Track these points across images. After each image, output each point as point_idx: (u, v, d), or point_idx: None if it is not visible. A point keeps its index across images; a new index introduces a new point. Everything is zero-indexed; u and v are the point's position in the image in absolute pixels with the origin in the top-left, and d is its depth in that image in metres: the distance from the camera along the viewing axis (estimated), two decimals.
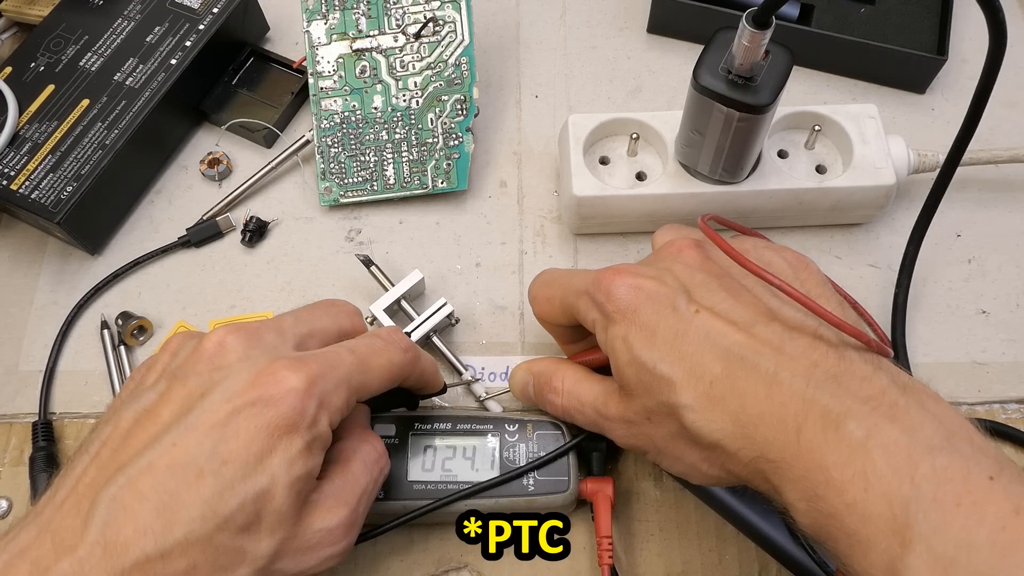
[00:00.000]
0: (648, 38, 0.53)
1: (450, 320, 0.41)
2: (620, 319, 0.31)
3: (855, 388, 0.27)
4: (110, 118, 0.44)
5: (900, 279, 0.42)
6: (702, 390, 0.29)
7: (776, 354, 0.28)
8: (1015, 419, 0.40)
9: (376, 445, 0.33)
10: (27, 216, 0.43)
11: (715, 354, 0.29)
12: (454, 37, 0.46)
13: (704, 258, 0.33)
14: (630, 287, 0.31)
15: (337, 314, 0.34)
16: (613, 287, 0.31)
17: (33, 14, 0.51)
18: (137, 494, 0.26)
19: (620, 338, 0.31)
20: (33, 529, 0.26)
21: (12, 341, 0.43)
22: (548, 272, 0.37)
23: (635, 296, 0.31)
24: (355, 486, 0.31)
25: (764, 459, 0.27)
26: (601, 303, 0.32)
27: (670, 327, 0.30)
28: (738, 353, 0.29)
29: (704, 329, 0.30)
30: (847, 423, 0.26)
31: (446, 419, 0.38)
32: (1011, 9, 0.52)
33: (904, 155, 0.43)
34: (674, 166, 0.42)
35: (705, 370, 0.29)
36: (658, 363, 0.30)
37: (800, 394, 0.27)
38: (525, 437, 0.37)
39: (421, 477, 0.36)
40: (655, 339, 0.30)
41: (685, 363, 0.29)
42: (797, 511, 0.27)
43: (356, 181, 0.46)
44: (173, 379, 0.29)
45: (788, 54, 0.36)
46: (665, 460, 0.32)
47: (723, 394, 0.28)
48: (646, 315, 0.31)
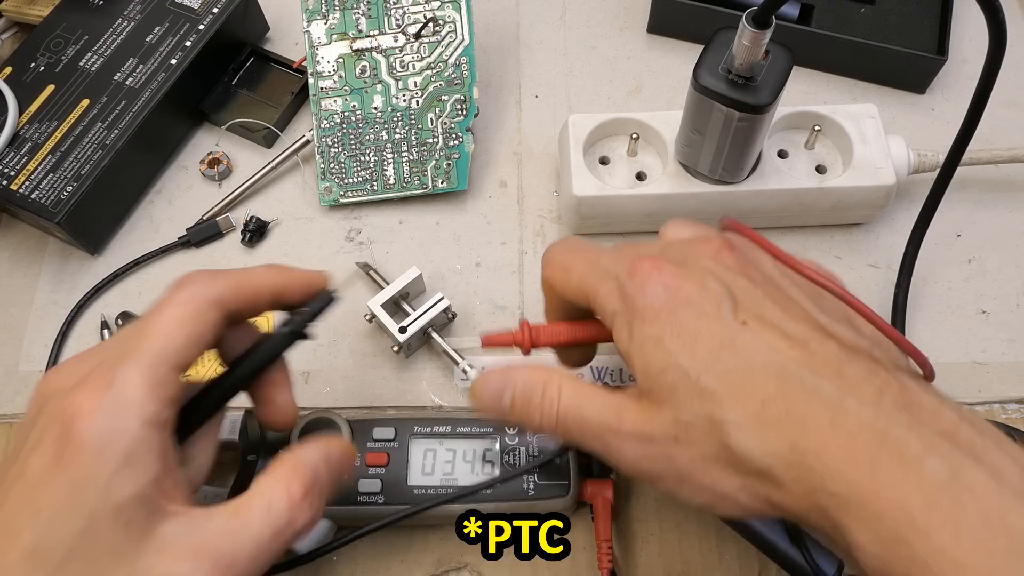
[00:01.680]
0: (648, 38, 0.53)
1: (447, 315, 0.41)
2: (653, 318, 0.27)
3: (928, 421, 0.24)
4: (110, 118, 0.44)
5: (900, 279, 0.42)
6: (753, 409, 0.25)
7: (837, 377, 0.25)
8: (1015, 419, 0.40)
9: (293, 490, 0.27)
10: (27, 216, 0.43)
11: (767, 371, 0.26)
12: (454, 37, 0.46)
13: (745, 262, 0.29)
14: (669, 286, 0.27)
15: None
16: (650, 281, 0.28)
17: (33, 14, 0.51)
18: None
19: (652, 339, 0.27)
20: None
21: (12, 341, 0.43)
22: (574, 239, 0.33)
23: (674, 296, 0.27)
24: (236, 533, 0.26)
25: (826, 492, 0.24)
26: (632, 296, 0.28)
27: (714, 336, 0.26)
28: (795, 372, 0.25)
29: (754, 342, 0.26)
30: (928, 460, 0.23)
31: (446, 422, 0.37)
32: (1011, 9, 0.52)
33: (904, 155, 0.43)
34: (674, 166, 0.42)
35: (756, 387, 0.25)
36: (702, 373, 0.26)
37: (870, 424, 0.24)
38: (525, 440, 0.37)
39: (421, 482, 0.36)
40: (696, 347, 0.26)
41: (732, 377, 0.26)
42: (866, 553, 0.24)
43: (356, 181, 0.46)
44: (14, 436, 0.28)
45: (788, 54, 0.36)
46: (687, 489, 0.27)
47: (778, 416, 0.25)
48: (686, 319, 0.27)
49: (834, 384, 0.25)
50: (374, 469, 0.36)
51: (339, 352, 0.42)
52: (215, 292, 0.28)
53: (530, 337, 0.32)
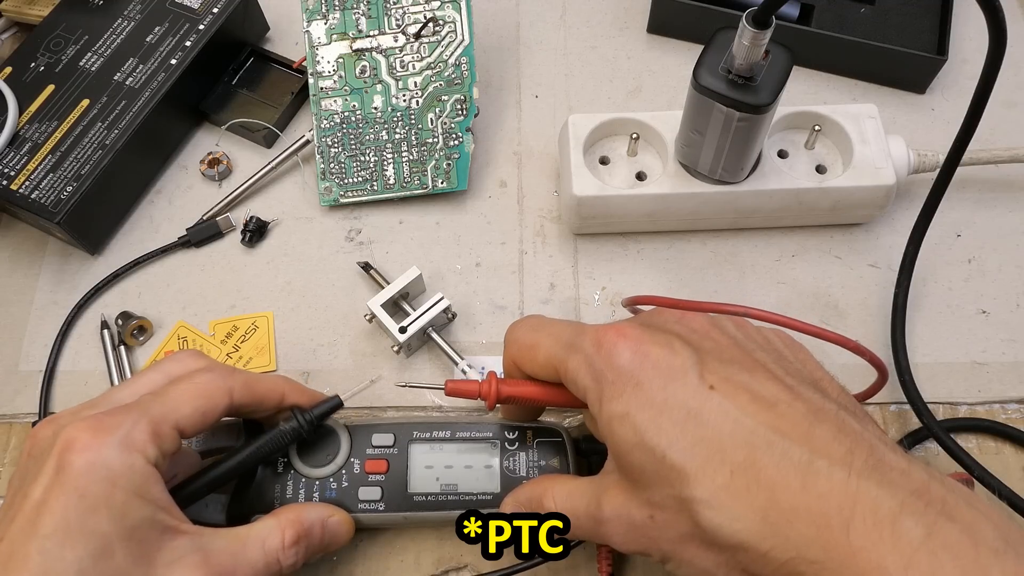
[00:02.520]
0: (648, 38, 0.53)
1: (447, 315, 0.41)
2: (620, 392, 0.27)
3: (899, 481, 0.24)
4: (110, 118, 0.44)
5: (900, 279, 0.42)
6: (721, 482, 0.25)
7: (807, 439, 0.25)
8: (1015, 419, 0.40)
9: (287, 537, 0.31)
10: (27, 216, 0.43)
11: (735, 438, 0.25)
12: (454, 37, 0.46)
13: (711, 325, 0.29)
14: (636, 351, 0.27)
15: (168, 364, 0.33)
16: (615, 351, 0.28)
17: (33, 14, 0.51)
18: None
19: (620, 417, 0.27)
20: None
21: (12, 341, 0.43)
22: (535, 317, 0.34)
23: (640, 364, 0.27)
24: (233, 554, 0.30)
25: (803, 560, 0.24)
26: (600, 370, 0.28)
27: (681, 405, 0.26)
28: (764, 437, 0.25)
29: (721, 408, 0.26)
30: (903, 520, 0.23)
31: (445, 426, 0.37)
32: (1011, 9, 0.52)
33: (904, 155, 0.43)
34: (674, 166, 0.42)
35: (725, 457, 0.25)
36: (667, 450, 0.26)
37: (842, 486, 0.24)
38: (525, 445, 0.37)
39: (421, 489, 0.36)
40: (663, 420, 0.26)
41: (700, 450, 0.26)
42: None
43: (356, 181, 0.46)
44: (8, 486, 0.29)
45: (788, 54, 0.36)
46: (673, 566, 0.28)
47: (747, 485, 0.25)
48: (653, 389, 0.27)
49: (804, 447, 0.25)
50: (374, 476, 0.36)
51: (339, 352, 0.42)
52: (229, 383, 0.32)
53: (496, 391, 0.32)
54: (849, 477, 0.24)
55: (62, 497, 0.26)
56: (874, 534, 0.23)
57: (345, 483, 0.35)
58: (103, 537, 0.26)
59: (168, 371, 0.32)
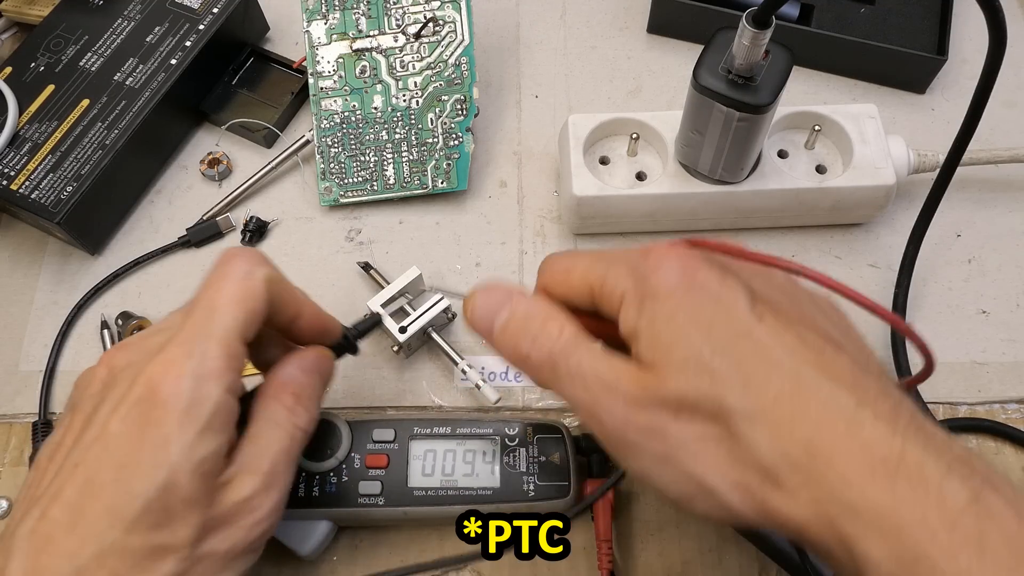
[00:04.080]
0: (648, 38, 0.53)
1: (446, 315, 0.41)
2: (667, 296, 0.26)
3: (943, 446, 0.23)
4: (110, 118, 0.44)
5: (900, 279, 0.42)
6: (765, 403, 0.24)
7: (853, 388, 0.24)
8: (1015, 419, 0.40)
9: (285, 401, 0.31)
10: (27, 216, 0.43)
11: (782, 370, 0.24)
12: (454, 37, 0.46)
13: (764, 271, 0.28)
14: (686, 267, 0.26)
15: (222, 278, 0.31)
16: (665, 263, 0.26)
17: (33, 14, 0.51)
18: (49, 521, 0.26)
19: (665, 316, 0.25)
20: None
21: (12, 341, 0.43)
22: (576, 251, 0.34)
23: (690, 279, 0.26)
24: (264, 449, 0.30)
25: (837, 502, 0.23)
26: (644, 274, 0.26)
27: (730, 325, 0.25)
28: (810, 375, 0.24)
29: (769, 339, 0.25)
30: (950, 481, 0.22)
31: (445, 422, 0.37)
32: (1011, 9, 0.52)
33: (904, 155, 0.43)
34: (674, 166, 0.42)
35: (771, 381, 0.24)
36: (715, 355, 0.24)
37: (887, 440, 0.23)
38: (525, 441, 0.37)
39: (421, 483, 0.36)
40: (712, 331, 0.25)
41: (746, 366, 0.24)
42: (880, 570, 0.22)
43: (356, 181, 0.46)
44: (73, 409, 0.29)
45: (788, 54, 0.36)
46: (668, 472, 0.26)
47: (791, 415, 0.24)
48: (701, 304, 0.25)
49: (850, 395, 0.24)
50: (374, 471, 0.36)
51: None
52: (265, 270, 0.30)
53: None
54: (895, 434, 0.23)
55: (139, 427, 0.27)
56: (920, 490, 0.22)
57: (345, 477, 0.36)
58: (171, 469, 0.26)
59: None
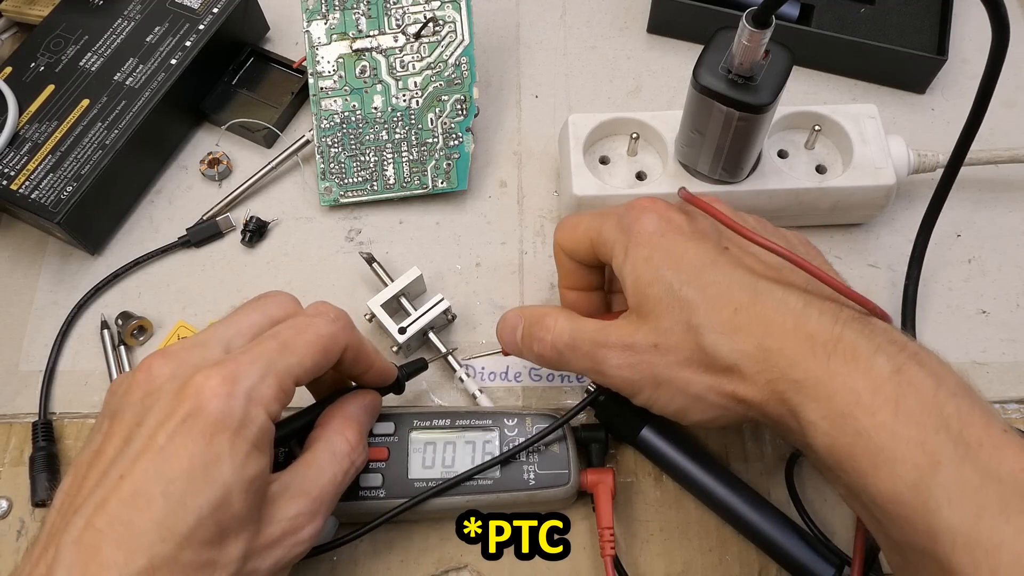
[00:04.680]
0: (648, 38, 0.53)
1: (447, 316, 0.41)
2: (646, 242, 0.32)
3: (880, 333, 0.28)
4: (110, 118, 0.44)
5: (910, 271, 0.42)
6: (726, 316, 0.30)
7: (804, 294, 0.30)
8: (1015, 419, 0.40)
9: (349, 436, 0.32)
10: (27, 216, 0.43)
11: (742, 286, 0.30)
12: (454, 37, 0.46)
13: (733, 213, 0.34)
14: (662, 216, 0.32)
15: (266, 306, 0.32)
16: (644, 214, 0.32)
17: (33, 14, 0.51)
18: (95, 532, 0.26)
19: (643, 258, 0.32)
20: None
21: (12, 341, 0.43)
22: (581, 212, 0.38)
23: (665, 224, 0.32)
24: (317, 476, 0.31)
25: (785, 379, 0.28)
26: (628, 224, 0.32)
27: (699, 256, 0.31)
28: (766, 287, 0.30)
29: (733, 263, 0.31)
30: (877, 358, 0.27)
31: (444, 415, 0.38)
32: (1011, 9, 0.52)
33: (904, 155, 0.43)
34: (674, 166, 0.42)
35: (731, 297, 0.30)
36: (684, 285, 0.30)
37: (829, 329, 0.28)
38: (524, 431, 0.37)
39: (422, 475, 0.36)
40: (682, 264, 0.31)
41: (710, 289, 0.30)
42: (817, 429, 0.27)
43: (356, 181, 0.46)
44: (113, 416, 0.29)
45: (788, 54, 0.36)
46: (664, 393, 0.32)
47: (748, 321, 0.29)
48: (674, 242, 0.31)
49: (800, 298, 0.29)
50: (375, 464, 0.36)
51: None
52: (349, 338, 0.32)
53: None
54: (835, 324, 0.28)
55: (190, 443, 0.26)
56: (851, 363, 0.27)
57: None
58: (225, 487, 0.27)
59: (269, 313, 0.32)
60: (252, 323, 0.31)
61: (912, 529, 0.25)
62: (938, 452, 0.25)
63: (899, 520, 0.26)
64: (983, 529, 0.24)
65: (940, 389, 0.26)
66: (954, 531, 0.24)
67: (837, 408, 0.27)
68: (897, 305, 0.42)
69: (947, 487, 0.25)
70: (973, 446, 0.25)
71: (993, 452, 0.25)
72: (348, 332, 0.32)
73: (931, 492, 0.25)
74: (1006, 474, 0.25)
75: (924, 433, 0.26)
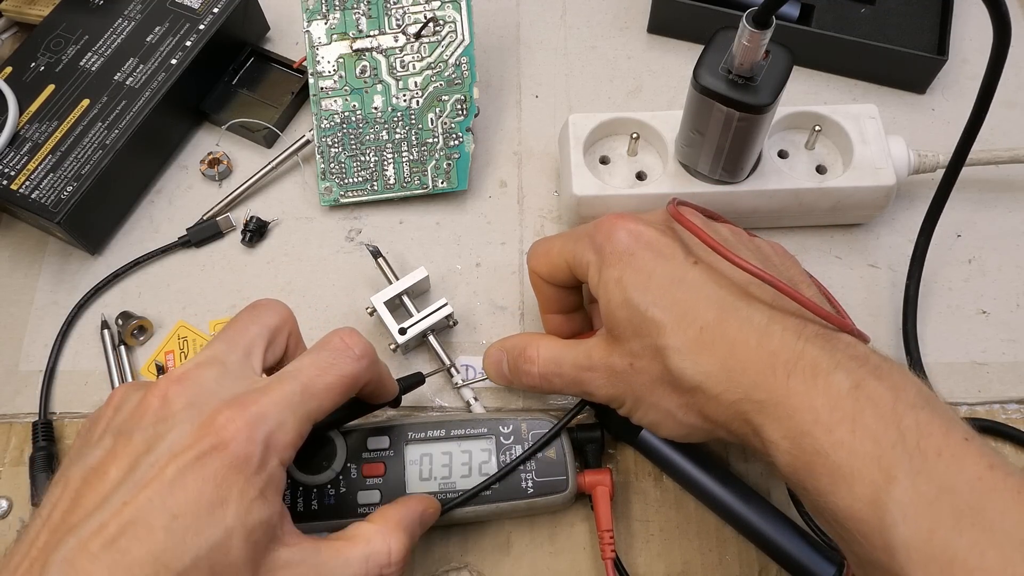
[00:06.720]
0: (648, 38, 0.53)
1: (448, 322, 0.41)
2: (616, 261, 0.32)
3: (842, 348, 0.29)
4: (110, 118, 0.44)
5: (911, 270, 0.42)
6: (692, 335, 0.30)
7: (768, 309, 0.30)
8: (1015, 419, 0.40)
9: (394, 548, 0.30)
10: (27, 216, 0.43)
11: (709, 303, 0.30)
12: (454, 37, 0.46)
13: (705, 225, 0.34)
14: (631, 232, 0.32)
15: (261, 316, 0.32)
16: (614, 230, 0.33)
17: (33, 14, 0.51)
18: (89, 556, 0.25)
19: (614, 279, 0.32)
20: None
21: (12, 341, 0.43)
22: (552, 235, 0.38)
23: (635, 241, 0.32)
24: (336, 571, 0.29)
25: (748, 400, 0.29)
26: (600, 244, 0.33)
27: (666, 273, 0.31)
28: (732, 303, 0.30)
29: (701, 279, 0.31)
30: (836, 374, 0.28)
31: (439, 425, 0.37)
32: (1012, 9, 0.52)
33: (904, 155, 0.43)
34: (674, 166, 0.42)
35: (697, 316, 0.30)
36: (650, 306, 0.31)
37: (791, 346, 0.29)
38: (520, 438, 0.37)
39: (420, 488, 0.36)
40: (650, 283, 0.31)
41: (677, 308, 0.31)
42: (778, 449, 0.28)
43: (356, 181, 0.46)
44: (118, 435, 0.28)
45: (788, 54, 0.36)
46: (641, 409, 0.33)
47: (712, 340, 0.30)
48: (644, 260, 0.32)
49: (764, 314, 0.30)
50: (372, 480, 0.36)
51: None
52: (368, 376, 0.31)
53: None
54: (798, 340, 0.29)
55: (200, 480, 0.26)
56: (810, 382, 0.28)
57: (343, 489, 0.35)
58: (227, 530, 0.26)
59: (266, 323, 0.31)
60: (253, 337, 0.31)
61: (871, 546, 0.25)
62: (894, 467, 0.25)
63: (858, 537, 0.26)
64: (937, 544, 0.24)
65: (899, 402, 0.27)
66: (909, 547, 0.24)
67: (797, 427, 0.27)
68: (898, 305, 0.42)
69: (902, 503, 0.25)
70: (931, 457, 0.25)
71: (951, 461, 0.25)
72: (371, 370, 0.31)
73: (887, 508, 0.25)
74: (963, 483, 0.25)
75: (880, 448, 0.26)
